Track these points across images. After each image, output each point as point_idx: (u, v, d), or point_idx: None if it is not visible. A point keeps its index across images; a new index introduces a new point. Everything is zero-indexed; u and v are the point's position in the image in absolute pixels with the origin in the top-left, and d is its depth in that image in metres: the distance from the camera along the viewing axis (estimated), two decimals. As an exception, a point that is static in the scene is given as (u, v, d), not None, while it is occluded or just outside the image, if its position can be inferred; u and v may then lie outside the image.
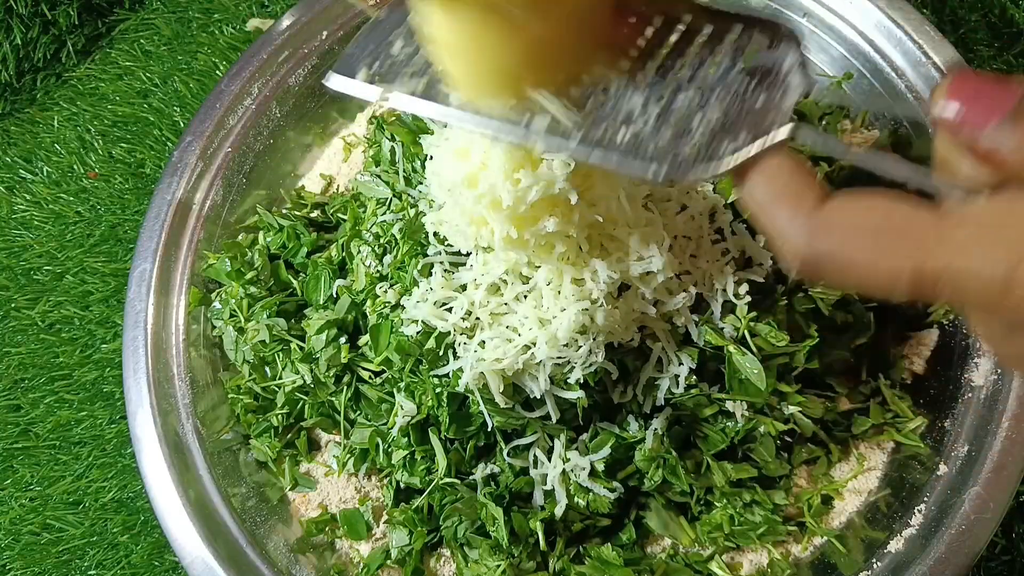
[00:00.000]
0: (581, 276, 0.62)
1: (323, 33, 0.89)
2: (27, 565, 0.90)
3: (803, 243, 0.35)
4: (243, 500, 0.75)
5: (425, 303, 0.67)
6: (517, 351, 0.63)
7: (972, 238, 0.32)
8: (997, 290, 0.31)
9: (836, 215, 0.35)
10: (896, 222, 0.33)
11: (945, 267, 0.32)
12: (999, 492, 0.65)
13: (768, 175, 0.38)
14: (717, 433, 0.69)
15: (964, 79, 0.35)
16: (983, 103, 0.34)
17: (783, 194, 0.37)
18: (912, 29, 0.80)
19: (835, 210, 0.35)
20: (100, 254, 1.02)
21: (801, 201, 0.36)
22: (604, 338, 0.64)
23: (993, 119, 0.34)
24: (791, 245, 0.36)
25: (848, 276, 0.35)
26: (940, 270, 0.32)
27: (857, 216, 0.35)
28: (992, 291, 0.31)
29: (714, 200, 0.71)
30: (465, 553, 0.72)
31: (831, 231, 0.35)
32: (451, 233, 0.65)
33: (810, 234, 0.35)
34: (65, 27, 1.11)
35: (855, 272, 0.34)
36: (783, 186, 0.37)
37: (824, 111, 0.85)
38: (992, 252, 0.31)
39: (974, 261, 0.31)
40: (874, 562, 0.67)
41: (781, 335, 0.67)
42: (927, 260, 0.32)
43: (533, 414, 0.68)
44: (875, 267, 0.33)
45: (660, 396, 0.68)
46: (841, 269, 0.35)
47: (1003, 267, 0.31)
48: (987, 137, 0.34)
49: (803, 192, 0.36)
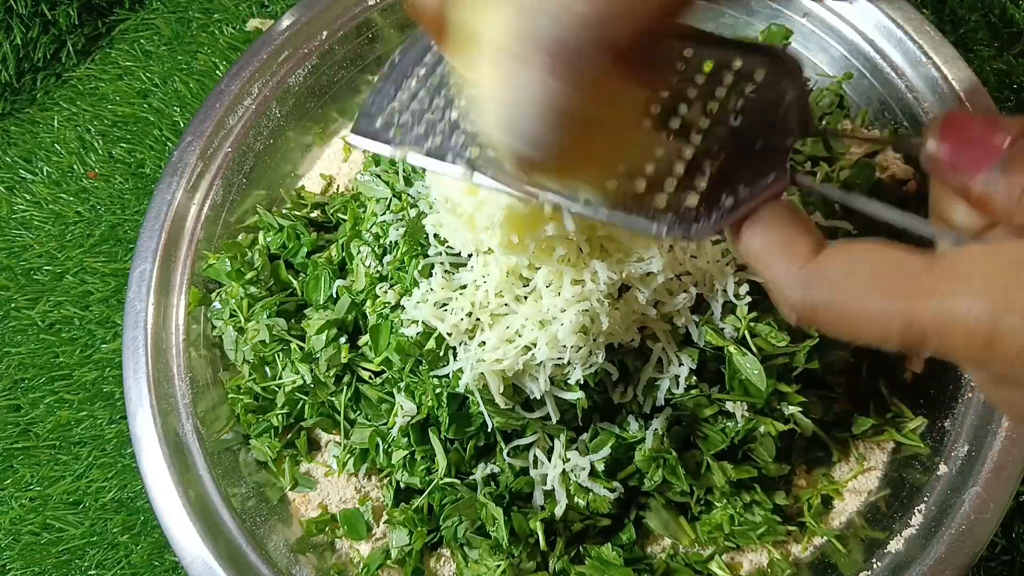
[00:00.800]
0: (581, 277, 0.62)
1: (323, 33, 0.89)
2: (27, 565, 0.90)
3: (799, 294, 0.35)
4: (243, 500, 0.75)
5: (425, 304, 0.67)
6: (517, 352, 0.63)
7: (957, 285, 0.31)
8: (981, 341, 0.30)
9: (830, 265, 0.35)
10: (887, 270, 0.33)
11: (932, 315, 0.31)
12: (999, 492, 0.65)
13: (764, 226, 0.38)
14: (717, 433, 0.69)
15: (955, 122, 0.35)
16: (974, 149, 0.34)
17: (779, 244, 0.37)
18: (912, 29, 0.80)
19: (829, 259, 0.35)
20: (100, 254, 1.02)
21: (796, 251, 0.36)
22: (604, 339, 0.64)
23: (984, 165, 0.33)
24: (787, 296, 0.36)
25: (842, 325, 0.34)
26: (927, 318, 0.31)
27: (850, 265, 0.34)
28: (976, 342, 0.30)
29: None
30: (465, 553, 0.72)
31: (825, 281, 0.35)
32: (451, 235, 0.65)
33: (805, 284, 0.35)
34: (65, 27, 1.11)
35: (849, 321, 0.34)
36: (779, 236, 0.37)
37: (824, 111, 0.85)
38: (976, 301, 0.30)
39: (959, 309, 0.30)
40: (874, 562, 0.67)
41: (781, 335, 0.67)
42: (915, 308, 0.32)
43: (533, 414, 0.68)
44: (867, 316, 0.33)
45: (660, 396, 0.68)
46: (836, 318, 0.34)
47: (987, 316, 0.30)
48: (978, 183, 0.34)
49: (798, 242, 0.36)
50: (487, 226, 0.56)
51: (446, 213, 0.62)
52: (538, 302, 0.63)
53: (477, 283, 0.66)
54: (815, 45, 0.87)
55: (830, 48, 0.86)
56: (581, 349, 0.63)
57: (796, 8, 0.86)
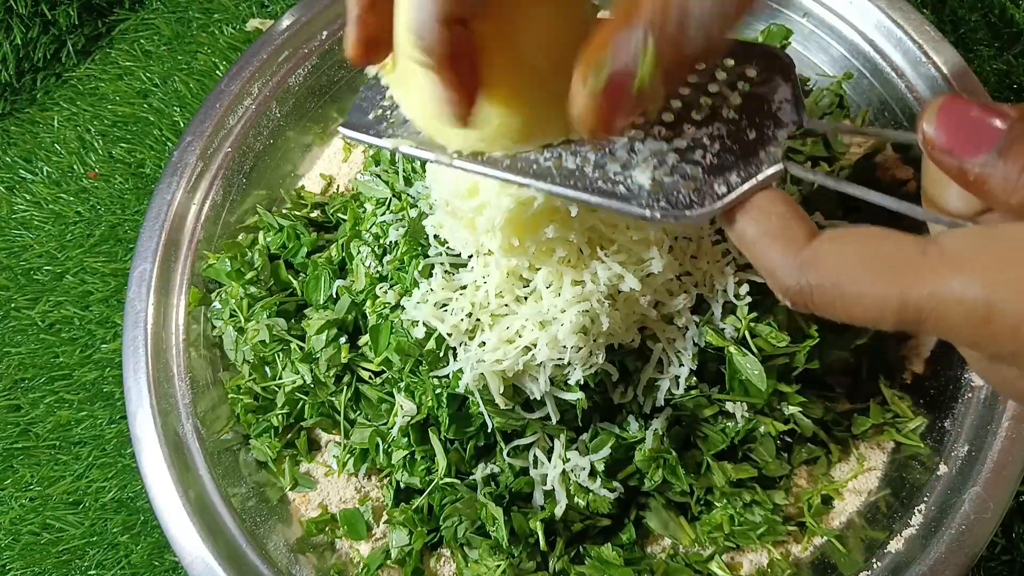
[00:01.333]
0: (581, 278, 0.62)
1: (323, 33, 0.89)
2: (27, 565, 0.90)
3: (793, 279, 0.36)
4: (243, 500, 0.75)
5: (425, 304, 0.67)
6: (517, 352, 0.63)
7: (952, 267, 0.31)
8: (978, 320, 0.31)
9: (824, 250, 0.35)
10: (882, 254, 0.34)
11: (928, 297, 0.32)
12: (999, 492, 0.65)
13: (757, 213, 0.39)
14: (717, 433, 0.69)
15: (953, 104, 0.35)
16: (971, 131, 0.34)
17: (773, 232, 0.37)
18: (912, 29, 0.80)
19: (823, 245, 0.36)
20: (100, 254, 1.02)
21: (791, 238, 0.37)
22: (604, 339, 0.64)
23: (982, 148, 0.33)
24: (782, 281, 0.36)
25: (838, 309, 0.35)
26: (923, 300, 0.32)
27: (844, 250, 0.35)
28: (973, 321, 0.31)
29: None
30: (465, 553, 0.72)
31: (820, 266, 0.35)
32: (451, 237, 0.65)
33: (800, 270, 0.35)
34: (65, 27, 1.11)
35: (844, 305, 0.34)
36: (773, 224, 0.38)
37: (824, 111, 0.85)
38: (971, 281, 0.31)
39: (954, 290, 0.31)
40: (874, 562, 0.67)
41: (782, 336, 0.67)
42: (911, 290, 0.32)
43: (533, 415, 0.68)
44: (862, 299, 0.34)
45: (660, 397, 0.68)
46: (831, 302, 0.35)
47: (983, 296, 0.30)
48: (975, 166, 0.34)
49: (792, 229, 0.37)
50: (488, 229, 0.56)
51: (446, 215, 0.62)
52: (538, 302, 0.63)
53: (477, 284, 0.66)
54: (815, 45, 0.87)
55: (830, 48, 0.86)
56: (581, 350, 0.63)
57: (796, 8, 0.86)
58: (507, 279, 0.64)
